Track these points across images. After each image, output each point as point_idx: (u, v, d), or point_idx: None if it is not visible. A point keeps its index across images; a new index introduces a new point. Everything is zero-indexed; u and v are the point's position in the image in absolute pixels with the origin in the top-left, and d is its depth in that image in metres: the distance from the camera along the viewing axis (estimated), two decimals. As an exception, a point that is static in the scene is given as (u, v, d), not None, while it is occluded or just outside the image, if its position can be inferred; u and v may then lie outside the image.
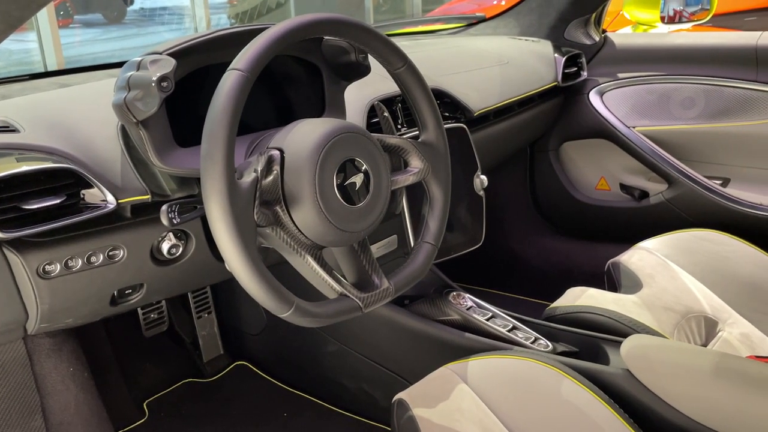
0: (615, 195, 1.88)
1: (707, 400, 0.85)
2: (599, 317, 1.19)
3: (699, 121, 1.70)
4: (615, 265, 1.36)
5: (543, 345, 1.16)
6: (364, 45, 0.87)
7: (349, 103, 1.10)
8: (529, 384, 0.95)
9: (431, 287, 1.35)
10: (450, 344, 1.21)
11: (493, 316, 1.25)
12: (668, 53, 1.77)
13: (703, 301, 1.22)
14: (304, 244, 0.80)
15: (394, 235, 1.34)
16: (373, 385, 1.40)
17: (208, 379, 1.67)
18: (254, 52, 0.73)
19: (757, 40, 1.61)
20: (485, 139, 1.51)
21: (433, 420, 0.92)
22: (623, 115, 1.79)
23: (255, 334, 1.65)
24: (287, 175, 0.77)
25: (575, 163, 1.96)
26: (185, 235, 0.96)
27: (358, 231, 0.82)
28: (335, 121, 0.81)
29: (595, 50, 1.89)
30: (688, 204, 1.68)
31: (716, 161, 1.72)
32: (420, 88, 0.93)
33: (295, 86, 1.03)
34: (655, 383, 0.90)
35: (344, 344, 1.41)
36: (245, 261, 0.70)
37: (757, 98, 1.61)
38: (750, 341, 1.15)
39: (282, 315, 0.75)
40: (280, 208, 0.77)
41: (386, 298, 0.87)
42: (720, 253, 1.33)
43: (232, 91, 0.71)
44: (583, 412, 0.89)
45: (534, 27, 1.92)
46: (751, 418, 0.81)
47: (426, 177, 0.95)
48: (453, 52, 1.71)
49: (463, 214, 1.36)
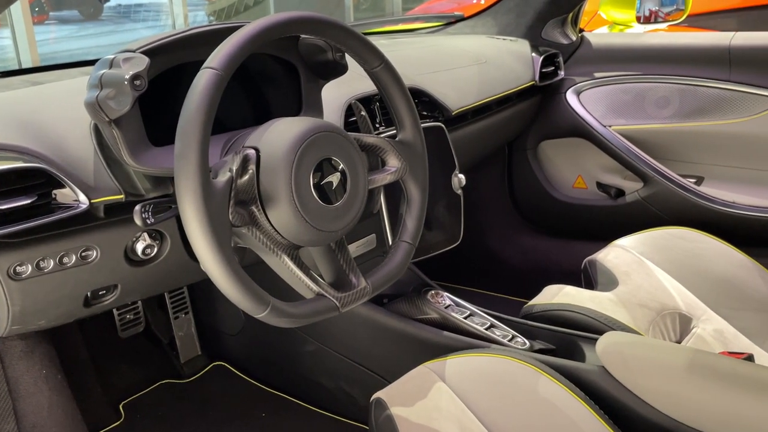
0: (592, 193, 1.90)
1: (680, 396, 0.86)
2: (576, 315, 1.20)
3: (674, 120, 1.72)
4: (591, 262, 1.37)
5: (520, 343, 1.17)
6: (340, 44, 0.87)
7: (327, 102, 1.10)
8: (507, 381, 0.96)
9: (410, 286, 1.36)
10: (428, 343, 1.21)
11: (471, 314, 1.26)
12: (644, 53, 1.79)
13: (677, 298, 1.24)
14: (281, 244, 0.79)
15: (373, 234, 1.33)
16: (351, 384, 1.40)
17: (185, 379, 1.66)
18: (228, 50, 0.73)
19: (730, 41, 1.64)
20: (463, 138, 1.52)
21: (411, 419, 0.92)
22: (600, 114, 1.81)
23: (233, 335, 1.63)
24: (263, 175, 0.76)
25: (553, 161, 1.97)
26: (160, 235, 0.95)
27: (335, 230, 0.81)
28: (312, 120, 0.81)
29: (572, 50, 1.90)
30: (663, 202, 1.71)
31: (690, 160, 1.75)
32: (397, 87, 0.93)
33: (272, 85, 1.02)
34: (630, 380, 0.91)
35: (323, 344, 1.41)
36: (220, 261, 0.70)
37: (730, 98, 1.63)
38: (723, 337, 1.17)
39: (258, 315, 0.74)
40: (256, 208, 0.77)
41: (363, 297, 0.86)
42: (694, 251, 1.35)
43: (206, 89, 0.70)
44: (559, 408, 0.90)
45: (512, 26, 1.93)
46: (722, 413, 0.82)
47: (403, 176, 0.95)
48: (431, 51, 1.72)
49: (442, 212, 1.36)
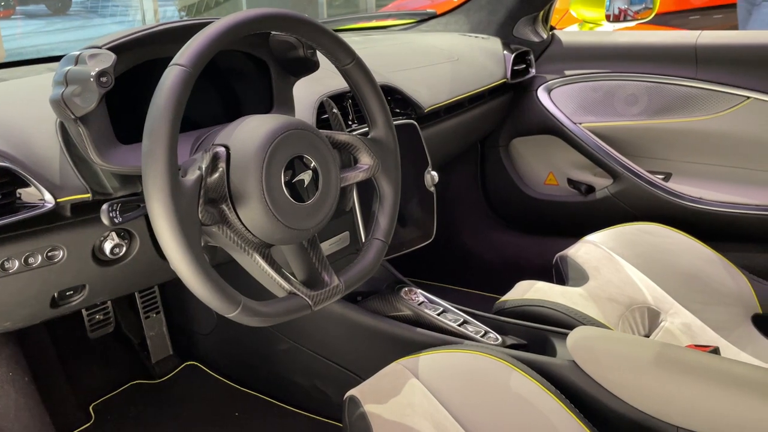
0: (563, 190, 1.92)
1: (648, 389, 0.88)
2: (547, 310, 1.21)
3: (642, 117, 1.74)
4: (562, 258, 1.39)
5: (493, 338, 1.18)
6: (311, 40, 0.87)
7: (299, 99, 1.09)
8: (479, 377, 0.96)
9: (383, 283, 1.36)
10: (402, 340, 1.22)
11: (444, 310, 1.26)
12: (613, 51, 1.82)
13: (646, 293, 1.26)
14: (252, 243, 0.79)
15: (346, 232, 1.33)
16: (325, 382, 1.40)
17: (157, 380, 1.63)
18: (197, 47, 0.72)
19: (696, 39, 1.67)
20: (436, 135, 1.52)
21: (384, 416, 0.92)
22: (570, 111, 1.83)
23: (205, 334, 1.62)
24: (233, 173, 0.75)
25: (524, 158, 1.99)
26: (129, 234, 0.93)
27: (307, 228, 0.81)
28: (283, 118, 0.81)
29: (543, 47, 1.92)
30: (632, 198, 1.73)
31: (659, 156, 1.77)
32: (368, 85, 0.93)
33: (243, 81, 1.01)
34: (599, 373, 0.93)
35: (296, 342, 1.40)
36: (189, 261, 0.69)
37: (696, 95, 1.66)
38: (690, 330, 1.19)
39: (229, 315, 0.74)
40: (227, 206, 0.76)
41: (336, 295, 0.86)
42: (662, 246, 1.37)
43: (174, 87, 0.69)
44: (531, 403, 0.91)
45: (484, 24, 1.94)
46: (689, 405, 0.84)
47: (376, 174, 0.95)
48: (404, 49, 1.72)
49: (415, 209, 1.37)
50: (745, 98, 1.59)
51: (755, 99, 1.58)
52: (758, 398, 0.81)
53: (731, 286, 1.30)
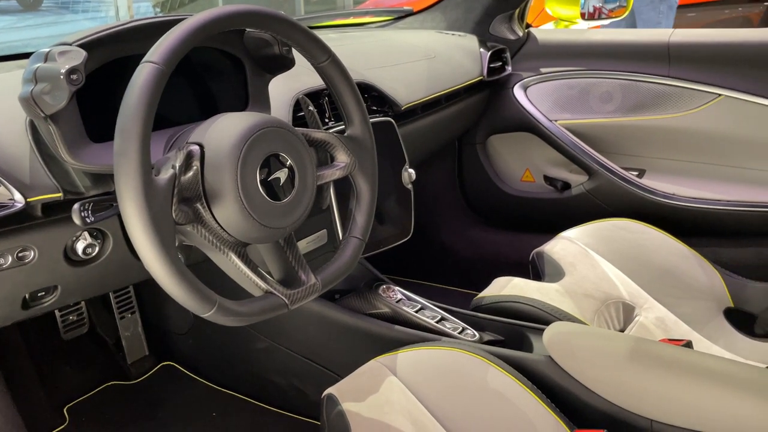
0: (539, 186, 1.94)
1: (623, 383, 0.89)
2: (523, 306, 1.22)
3: (616, 114, 1.76)
4: (539, 254, 1.40)
5: (470, 335, 1.19)
6: (286, 37, 0.86)
7: (274, 96, 1.09)
8: (456, 373, 0.97)
9: (361, 281, 1.36)
10: (380, 337, 1.22)
11: (422, 307, 1.27)
12: (588, 49, 1.83)
13: (621, 288, 1.27)
14: (227, 242, 0.78)
15: (324, 230, 1.33)
16: (303, 380, 1.39)
17: (132, 381, 1.62)
18: (170, 44, 0.71)
19: (669, 37, 1.69)
20: (413, 132, 1.52)
21: (362, 414, 0.92)
22: (546, 108, 1.84)
23: (181, 334, 1.60)
24: (208, 171, 0.75)
25: (501, 156, 2.00)
26: (102, 234, 0.92)
27: (283, 227, 0.81)
28: (258, 115, 0.80)
29: (519, 45, 1.93)
30: (606, 194, 1.75)
31: (633, 153, 1.79)
32: (344, 82, 0.92)
33: (218, 79, 1.00)
34: (575, 368, 0.94)
35: (274, 341, 1.40)
36: (163, 260, 0.68)
37: (669, 93, 1.68)
38: (664, 324, 1.21)
39: (204, 315, 0.73)
40: (201, 205, 0.75)
41: (313, 294, 0.86)
42: (636, 241, 1.39)
43: (146, 84, 0.68)
44: (508, 398, 0.91)
45: (460, 21, 1.94)
46: (662, 398, 0.85)
47: (353, 171, 0.95)
48: (380, 46, 1.72)
49: (393, 207, 1.37)
50: (717, 95, 1.62)
51: (726, 96, 1.61)
52: (730, 391, 0.83)
53: (704, 280, 1.32)
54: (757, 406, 0.79)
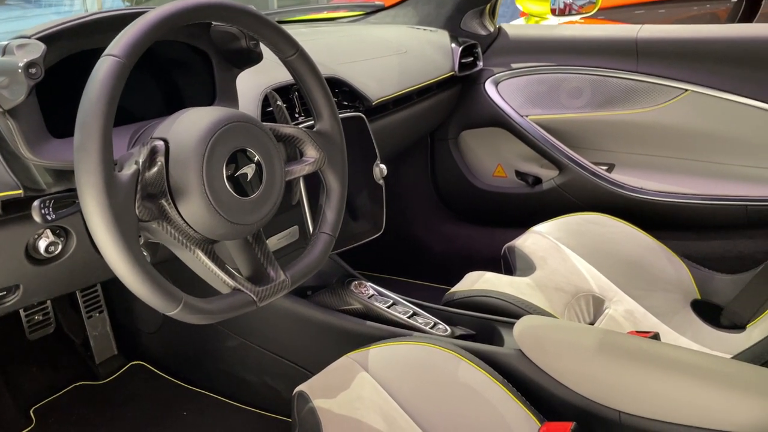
0: (511, 181, 1.95)
1: (592, 375, 0.90)
2: (495, 300, 1.22)
3: (586, 110, 1.78)
4: (510, 249, 1.41)
5: (442, 329, 1.19)
6: (252, 31, 0.85)
7: (243, 91, 1.07)
8: (427, 368, 0.97)
9: (333, 277, 1.35)
10: (352, 333, 1.21)
11: (394, 303, 1.27)
12: (558, 45, 1.84)
13: (590, 281, 1.29)
14: (194, 239, 0.77)
15: (295, 226, 1.32)
16: (275, 378, 1.38)
17: (101, 381, 1.59)
18: (131, 37, 0.70)
19: (637, 33, 1.71)
20: (385, 128, 1.52)
21: (333, 410, 0.92)
22: (517, 104, 1.85)
23: (151, 332, 1.58)
24: (173, 167, 0.73)
25: (473, 151, 2.00)
26: (65, 231, 0.90)
27: (251, 223, 0.80)
28: (223, 110, 0.79)
29: (490, 41, 1.93)
30: (577, 189, 1.77)
31: (602, 148, 1.81)
32: (313, 77, 0.91)
33: (185, 73, 0.99)
34: (545, 361, 0.94)
35: (245, 338, 1.38)
36: (126, 258, 0.67)
37: (637, 88, 1.70)
38: (633, 317, 1.22)
39: (170, 313, 0.72)
40: (166, 202, 0.74)
41: (282, 290, 0.85)
42: (606, 235, 1.40)
43: (107, 78, 0.67)
44: (478, 392, 0.92)
45: (432, 17, 1.94)
46: (631, 389, 0.86)
47: (322, 167, 0.94)
48: (352, 41, 1.71)
49: (364, 203, 1.36)
50: (684, 90, 1.64)
51: (693, 92, 1.63)
52: (696, 381, 0.84)
53: (671, 273, 1.34)
54: (723, 396, 0.81)
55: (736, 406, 0.79)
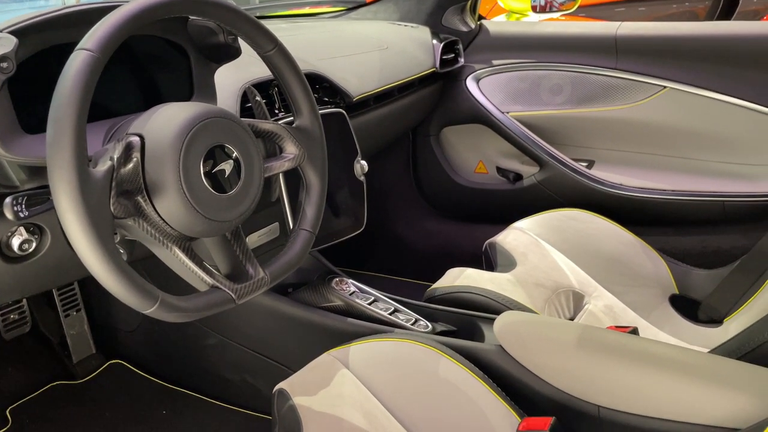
0: (492, 178, 1.95)
1: (571, 370, 0.90)
2: (476, 296, 1.23)
3: (566, 106, 1.79)
4: (491, 245, 1.41)
5: (423, 326, 1.19)
6: (230, 26, 0.84)
7: (222, 87, 1.06)
8: (408, 365, 0.97)
9: (314, 274, 1.35)
10: (333, 330, 1.21)
11: (376, 299, 1.26)
12: (539, 41, 1.85)
13: (570, 277, 1.29)
14: (171, 236, 0.76)
15: (276, 223, 1.31)
16: (256, 376, 1.37)
17: (79, 380, 1.57)
18: (105, 30, 0.68)
19: (616, 30, 1.72)
20: (366, 124, 1.51)
21: (313, 407, 0.92)
22: (498, 101, 1.85)
23: (130, 331, 1.56)
24: (148, 163, 0.72)
25: (455, 147, 2.01)
26: (39, 229, 0.88)
27: (229, 220, 0.79)
28: (201, 105, 0.78)
29: (471, 37, 1.94)
30: (557, 185, 1.77)
31: (582, 144, 1.82)
32: (292, 72, 0.91)
33: (162, 68, 0.97)
34: (525, 357, 0.95)
35: (225, 336, 1.37)
36: (100, 255, 0.65)
37: (617, 85, 1.71)
38: (613, 312, 1.23)
39: (146, 311, 0.71)
40: (142, 198, 0.73)
41: (261, 288, 0.84)
42: (586, 231, 1.41)
43: (80, 72, 0.65)
44: (459, 388, 0.92)
45: (413, 13, 1.94)
46: (609, 384, 0.87)
47: (302, 163, 0.93)
48: (332, 36, 1.70)
49: (345, 199, 1.36)
50: (662, 87, 1.66)
51: (671, 88, 1.65)
52: (674, 375, 0.85)
53: (650, 268, 1.35)
54: (699, 390, 0.82)
55: (713, 399, 0.79)
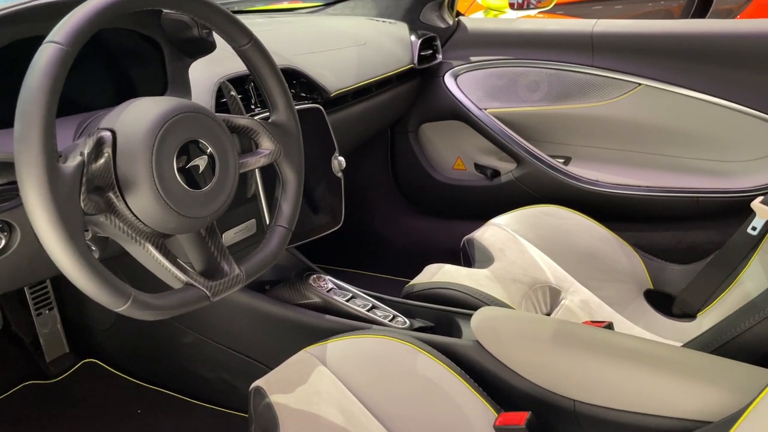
0: (470, 174, 1.96)
1: (547, 365, 0.91)
2: (454, 292, 1.23)
3: (543, 103, 1.80)
4: (469, 241, 1.42)
5: (401, 322, 1.19)
6: (204, 19, 0.83)
7: (197, 82, 1.05)
8: (386, 361, 0.97)
9: (292, 271, 1.34)
10: (310, 327, 1.20)
11: (353, 296, 1.26)
12: (516, 38, 1.86)
13: (547, 272, 1.30)
14: (143, 233, 0.75)
15: (253, 220, 1.30)
16: (233, 374, 1.36)
17: (52, 380, 1.54)
18: (74, 23, 0.67)
19: (592, 27, 1.73)
20: (343, 120, 1.51)
21: (290, 405, 0.91)
22: (476, 97, 1.86)
23: (104, 330, 1.54)
24: (120, 159, 0.71)
25: (433, 144, 2.01)
26: (8, 226, 0.86)
27: (203, 216, 0.78)
28: (173, 100, 0.76)
29: (449, 34, 1.94)
30: (534, 182, 1.78)
31: (559, 141, 1.83)
32: (267, 67, 0.90)
33: (136, 63, 0.96)
34: (501, 352, 0.95)
35: (201, 334, 1.36)
36: (70, 252, 0.64)
37: (593, 82, 1.73)
38: (589, 307, 1.24)
39: (118, 309, 0.69)
40: (114, 195, 0.71)
41: (236, 285, 0.83)
42: (562, 227, 1.42)
43: (49, 66, 0.64)
44: (436, 384, 0.92)
45: (391, 9, 1.93)
46: (585, 378, 0.87)
47: (278, 159, 0.93)
48: (310, 32, 1.69)
49: (323, 195, 1.35)
50: (637, 84, 1.67)
51: (646, 86, 1.66)
52: (648, 369, 0.86)
53: (625, 263, 1.37)
54: (674, 384, 0.82)
55: (686, 393, 0.80)
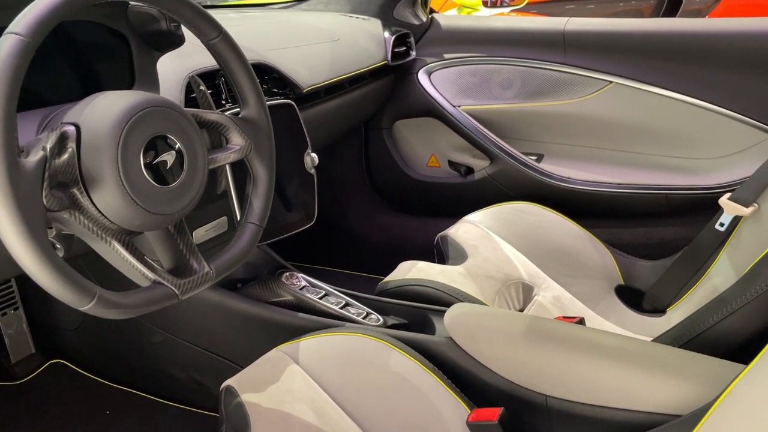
0: (444, 171, 1.96)
1: (520, 361, 0.91)
2: (427, 289, 1.23)
3: (516, 101, 1.80)
4: (443, 238, 1.42)
5: (374, 319, 1.19)
6: (171, 12, 0.81)
7: (166, 76, 1.03)
8: (359, 358, 0.96)
9: (264, 269, 1.32)
10: (283, 325, 1.19)
11: (327, 294, 1.25)
12: (489, 36, 1.86)
13: (520, 269, 1.31)
14: (109, 230, 0.73)
15: (224, 217, 1.28)
16: (203, 373, 1.34)
17: (17, 381, 1.51)
18: (36, 14, 0.65)
19: (564, 25, 1.74)
20: (316, 116, 1.49)
21: (262, 404, 0.90)
22: (450, 94, 1.86)
23: (71, 329, 1.51)
24: (85, 154, 0.69)
25: (407, 141, 2.00)
26: None
27: (171, 213, 0.76)
28: (140, 94, 0.75)
29: (423, 30, 1.93)
30: (507, 179, 1.79)
31: (532, 138, 1.85)
32: (237, 61, 0.88)
33: (103, 56, 0.93)
34: (474, 348, 0.95)
35: (171, 333, 1.34)
36: (32, 249, 0.62)
37: (565, 80, 1.74)
38: (561, 303, 1.25)
39: (83, 308, 0.68)
40: (78, 191, 0.69)
41: (206, 283, 0.82)
42: (535, 224, 1.43)
43: (9, 57, 0.62)
44: (409, 381, 0.91)
45: (364, 5, 1.92)
46: (557, 373, 0.88)
47: (248, 155, 0.91)
48: (282, 27, 1.67)
49: (296, 192, 1.34)
50: (608, 82, 1.69)
51: (617, 83, 1.68)
52: (618, 364, 0.86)
53: (597, 260, 1.38)
54: (644, 378, 0.83)
55: (656, 387, 0.81)
